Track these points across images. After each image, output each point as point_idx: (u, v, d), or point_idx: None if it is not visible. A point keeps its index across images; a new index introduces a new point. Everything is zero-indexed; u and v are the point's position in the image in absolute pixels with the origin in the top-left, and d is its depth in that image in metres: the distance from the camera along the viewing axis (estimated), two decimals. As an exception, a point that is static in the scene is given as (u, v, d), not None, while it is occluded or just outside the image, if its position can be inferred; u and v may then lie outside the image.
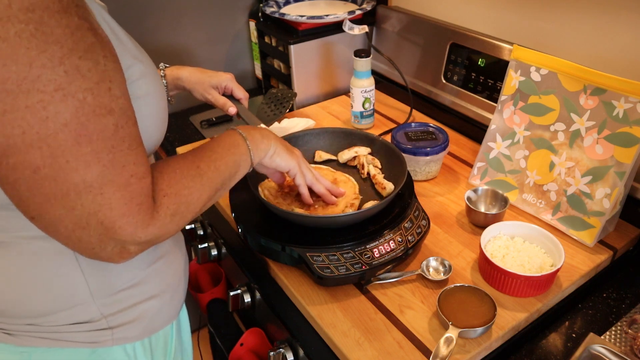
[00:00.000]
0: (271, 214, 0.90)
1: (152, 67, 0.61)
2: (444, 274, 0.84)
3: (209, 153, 0.65)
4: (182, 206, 0.57)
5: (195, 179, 0.60)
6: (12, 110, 0.43)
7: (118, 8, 1.36)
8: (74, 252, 0.59)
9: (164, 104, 0.63)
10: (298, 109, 1.44)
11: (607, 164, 0.86)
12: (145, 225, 0.52)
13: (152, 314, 0.68)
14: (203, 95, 1.07)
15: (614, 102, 0.84)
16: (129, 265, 0.64)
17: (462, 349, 0.72)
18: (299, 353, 0.81)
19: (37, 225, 0.50)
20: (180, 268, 0.75)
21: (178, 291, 0.74)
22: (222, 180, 0.66)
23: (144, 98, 0.57)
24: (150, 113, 0.59)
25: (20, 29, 0.42)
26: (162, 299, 0.70)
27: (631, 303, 0.84)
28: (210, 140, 0.69)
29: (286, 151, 0.80)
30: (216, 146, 0.68)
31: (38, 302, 0.60)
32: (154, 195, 0.54)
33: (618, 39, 0.96)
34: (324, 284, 0.82)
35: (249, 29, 1.60)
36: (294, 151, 0.83)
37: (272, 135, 0.79)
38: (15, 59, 0.42)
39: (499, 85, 1.13)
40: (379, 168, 1.00)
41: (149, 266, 0.67)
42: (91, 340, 0.63)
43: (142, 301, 0.67)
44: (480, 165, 1.06)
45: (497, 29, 1.18)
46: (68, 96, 0.45)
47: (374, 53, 1.36)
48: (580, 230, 0.91)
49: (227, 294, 0.95)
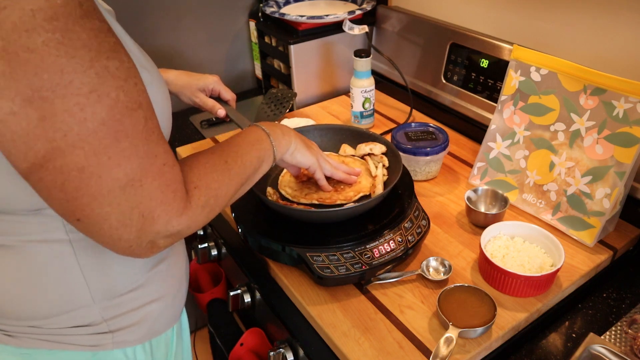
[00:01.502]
0: (271, 214, 0.90)
1: (158, 74, 0.62)
2: (444, 274, 0.84)
3: (235, 148, 0.67)
4: (211, 199, 0.59)
5: (223, 172, 0.62)
6: (51, 116, 0.44)
7: (118, 8, 1.36)
8: (75, 256, 0.59)
9: (168, 112, 0.64)
10: (298, 109, 1.44)
11: (607, 164, 0.86)
12: (179, 213, 0.53)
13: (154, 317, 0.68)
14: (190, 99, 1.07)
15: (614, 102, 0.84)
16: (131, 268, 0.64)
17: (462, 349, 0.72)
18: (299, 353, 0.81)
19: (80, 227, 0.51)
20: (182, 271, 0.75)
21: (179, 294, 0.74)
22: (248, 175, 0.68)
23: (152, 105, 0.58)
24: (158, 118, 0.59)
25: (47, 38, 0.43)
26: (164, 303, 0.70)
27: (631, 303, 0.84)
28: (234, 136, 0.70)
29: (306, 147, 0.81)
30: (241, 141, 0.69)
31: (39, 304, 0.60)
32: (186, 187, 0.55)
33: (618, 39, 0.96)
34: (324, 284, 0.82)
35: (249, 29, 1.60)
36: (312, 146, 0.85)
37: (292, 132, 0.80)
38: (46, 67, 0.43)
39: (499, 85, 1.13)
40: (386, 168, 0.99)
41: (150, 269, 0.67)
42: (92, 344, 0.64)
43: (144, 305, 0.67)
44: (480, 165, 1.06)
45: (497, 29, 1.18)
46: (102, 96, 0.46)
47: (374, 53, 1.36)
48: (580, 230, 0.91)
49: (227, 294, 0.95)
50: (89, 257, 0.60)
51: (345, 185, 0.94)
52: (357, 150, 1.03)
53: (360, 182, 0.94)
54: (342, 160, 1.01)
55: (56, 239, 0.58)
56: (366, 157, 1.01)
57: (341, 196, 0.91)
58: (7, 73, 0.42)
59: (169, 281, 0.71)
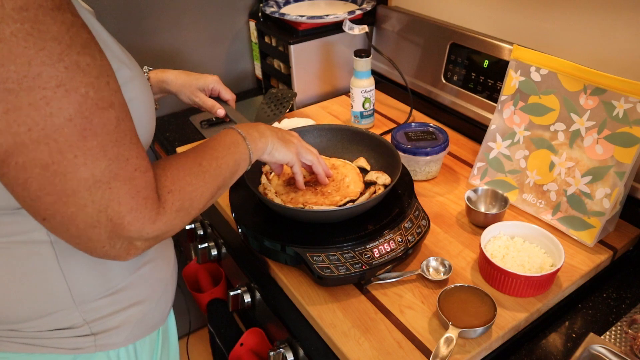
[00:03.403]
0: (271, 214, 0.90)
1: (139, 71, 0.61)
2: (444, 274, 0.84)
3: (211, 151, 0.66)
4: (186, 202, 0.58)
5: (198, 176, 0.61)
6: (16, 109, 0.43)
7: (117, 8, 1.36)
8: (56, 258, 0.58)
9: (151, 108, 0.62)
10: (298, 109, 1.44)
11: (607, 164, 0.86)
12: (152, 220, 0.52)
13: (137, 320, 0.67)
14: (190, 98, 1.06)
15: (614, 102, 0.84)
16: (113, 271, 0.63)
17: (462, 349, 0.72)
18: (299, 353, 0.81)
19: (48, 227, 0.50)
20: (168, 274, 0.74)
21: (164, 297, 0.73)
22: (224, 178, 0.66)
23: (131, 102, 0.57)
24: (138, 117, 0.58)
25: (15, 28, 0.42)
26: (148, 305, 0.69)
27: (631, 303, 0.84)
28: (210, 139, 0.70)
29: (283, 145, 0.80)
30: (217, 145, 0.68)
31: (19, 307, 0.59)
32: (158, 192, 0.54)
33: (618, 39, 0.96)
34: (324, 284, 0.82)
35: (249, 29, 1.60)
36: (292, 140, 0.83)
37: (268, 132, 0.79)
38: (13, 58, 0.42)
39: (499, 85, 1.13)
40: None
41: (134, 272, 0.66)
42: (73, 347, 0.63)
43: (126, 307, 0.66)
44: (480, 165, 1.06)
45: (497, 29, 1.18)
46: (70, 91, 0.45)
47: (374, 53, 1.36)
48: (580, 230, 0.91)
49: (227, 294, 0.95)
50: (71, 259, 0.59)
51: (332, 190, 0.93)
52: (367, 175, 0.98)
53: (348, 187, 0.94)
54: (332, 164, 1.00)
55: (37, 239, 0.56)
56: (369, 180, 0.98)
57: (327, 200, 0.90)
58: None
59: (153, 284, 0.70)
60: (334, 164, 1.01)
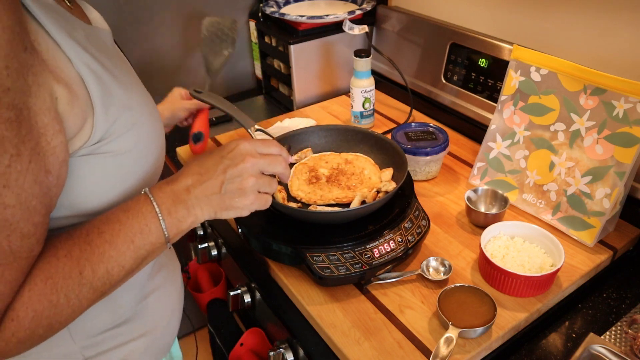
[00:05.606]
0: (272, 214, 0.90)
1: (146, 109, 0.58)
2: (444, 274, 0.84)
3: (104, 248, 0.52)
4: (39, 329, 0.48)
5: (72, 291, 0.49)
6: None
7: (117, 9, 1.36)
8: None
9: (158, 143, 0.60)
10: (298, 109, 1.44)
11: (607, 164, 0.86)
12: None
13: (140, 353, 0.65)
14: (182, 124, 1.09)
15: (614, 102, 0.84)
16: (115, 304, 0.61)
17: (462, 349, 0.72)
18: (299, 353, 0.81)
19: None
20: (175, 299, 0.71)
21: (169, 327, 0.71)
22: (112, 284, 0.54)
23: (135, 147, 0.56)
24: (145, 157, 0.58)
25: None
26: (152, 336, 0.67)
27: (631, 303, 0.84)
28: (111, 219, 0.54)
29: (236, 197, 0.61)
30: (118, 232, 0.53)
31: None
32: (5, 314, 0.46)
33: (618, 39, 0.96)
34: (324, 284, 0.82)
35: (249, 29, 1.60)
36: (244, 178, 0.61)
37: (202, 201, 0.58)
38: None
39: (499, 85, 1.13)
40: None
41: (137, 304, 0.64)
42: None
43: (128, 341, 0.64)
44: (480, 165, 1.06)
45: (497, 29, 1.18)
46: None
47: (374, 53, 1.36)
48: (580, 230, 0.91)
49: (227, 294, 0.95)
50: None
51: (357, 182, 0.95)
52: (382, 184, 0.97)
53: (370, 179, 0.96)
54: (344, 159, 1.01)
55: None
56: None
57: (355, 193, 0.92)
58: None
59: (157, 314, 0.67)
60: (347, 159, 1.02)
